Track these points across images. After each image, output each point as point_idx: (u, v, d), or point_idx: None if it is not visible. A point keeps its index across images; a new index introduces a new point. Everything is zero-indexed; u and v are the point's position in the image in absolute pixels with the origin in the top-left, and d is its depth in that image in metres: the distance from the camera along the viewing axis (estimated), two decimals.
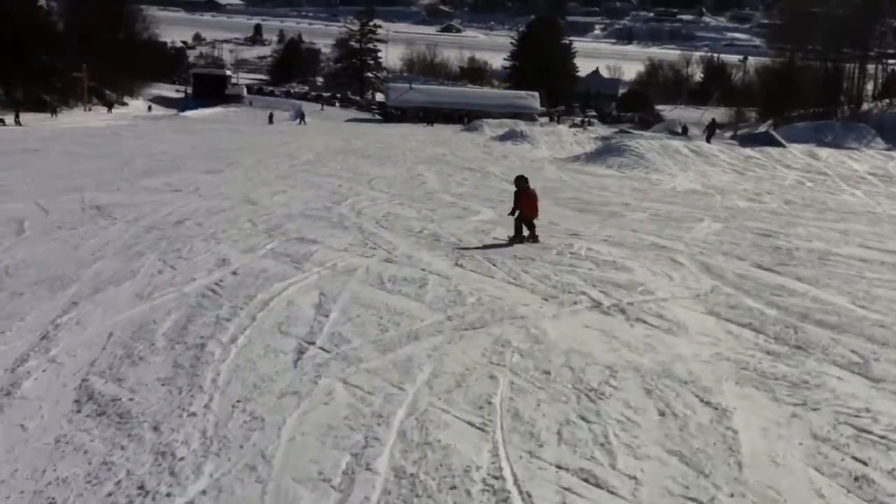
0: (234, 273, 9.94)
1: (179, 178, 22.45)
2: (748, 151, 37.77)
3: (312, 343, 7.11)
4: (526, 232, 13.00)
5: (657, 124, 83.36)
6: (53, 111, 58.31)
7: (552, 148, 44.69)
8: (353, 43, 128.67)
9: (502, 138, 49.98)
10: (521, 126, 57.09)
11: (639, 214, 18.35)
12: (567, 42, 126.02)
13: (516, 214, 12.97)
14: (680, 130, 65.66)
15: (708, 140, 49.25)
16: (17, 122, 50.28)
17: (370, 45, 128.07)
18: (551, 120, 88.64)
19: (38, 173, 23.87)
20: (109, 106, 70.82)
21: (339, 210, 16.71)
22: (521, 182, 13.30)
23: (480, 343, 7.24)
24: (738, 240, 14.29)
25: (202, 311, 8.22)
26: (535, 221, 13.16)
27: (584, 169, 32.03)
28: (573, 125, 77.38)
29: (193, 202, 17.71)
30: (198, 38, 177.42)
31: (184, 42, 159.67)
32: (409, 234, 13.51)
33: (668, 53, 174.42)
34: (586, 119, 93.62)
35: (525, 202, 12.94)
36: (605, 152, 37.57)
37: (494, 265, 10.88)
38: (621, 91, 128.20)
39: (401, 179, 24.16)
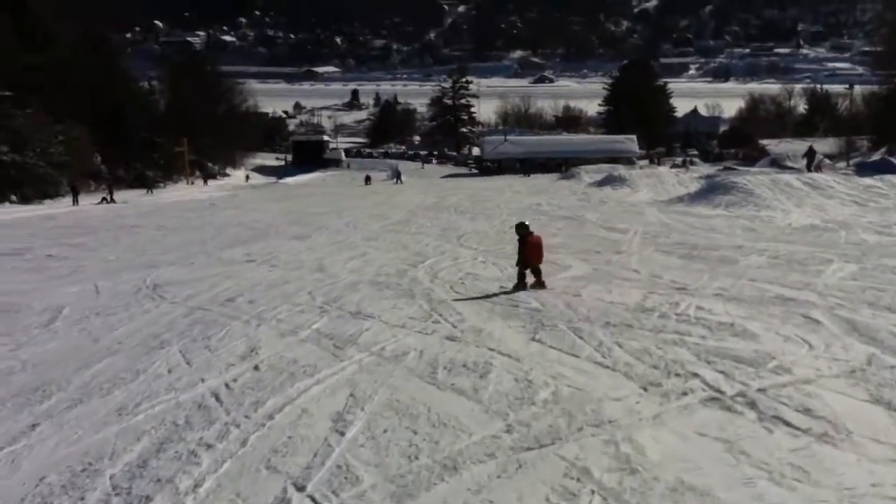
0: (256, 367, 8.15)
1: (262, 247, 21.37)
2: (866, 181, 34.34)
3: (303, 488, 5.09)
4: (531, 279, 12.58)
5: (763, 159, 79.31)
6: (150, 188, 58.93)
7: (653, 190, 42.26)
8: (446, 100, 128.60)
9: (600, 184, 47.94)
10: (620, 170, 54.82)
11: (755, 258, 15.86)
12: (662, 83, 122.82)
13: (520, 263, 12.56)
14: (788, 164, 61.79)
15: (808, 168, 45.62)
16: (111, 200, 50.60)
17: (463, 101, 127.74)
18: (651, 162, 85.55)
19: (123, 250, 23.15)
20: (205, 179, 71.54)
21: (414, 274, 14.88)
22: (521, 230, 12.81)
23: (546, 475, 5.16)
24: (882, 284, 11.68)
25: (184, 432, 6.36)
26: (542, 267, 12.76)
27: (688, 210, 29.55)
28: (674, 166, 74.17)
29: (261, 274, 16.24)
30: (297, 107, 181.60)
31: (284, 112, 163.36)
32: (484, 301, 11.52)
33: (768, 88, 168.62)
34: (687, 159, 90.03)
35: (529, 251, 12.56)
36: (710, 191, 34.99)
37: (581, 337, 8.75)
38: (722, 128, 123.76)
39: (492, 234, 22.59)
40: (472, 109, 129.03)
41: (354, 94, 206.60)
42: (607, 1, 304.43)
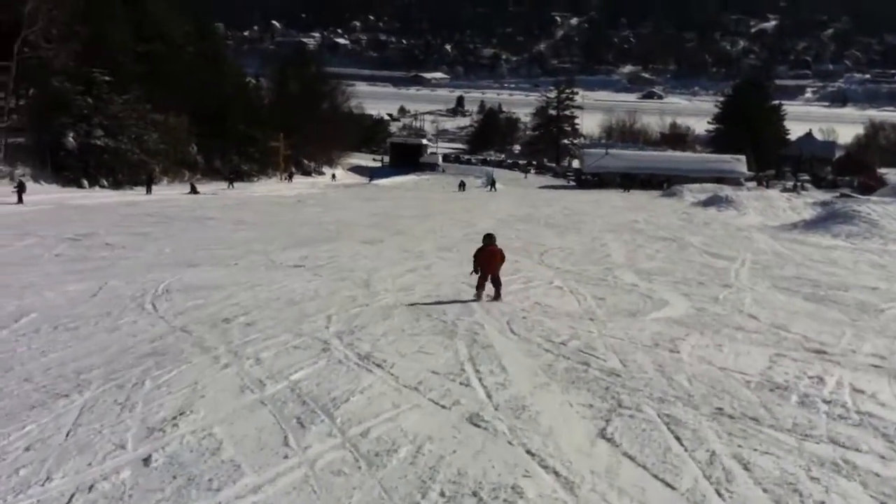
0: (147, 462, 5.17)
1: (324, 251, 19.37)
2: None
3: None
4: (492, 290, 12.19)
5: (882, 188, 73.08)
6: (230, 182, 57.09)
7: (762, 214, 39.10)
8: (550, 110, 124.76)
9: (705, 204, 44.84)
10: (726, 190, 50.85)
11: None
12: (776, 104, 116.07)
13: (478, 272, 12.22)
14: None
15: None
16: (194, 191, 49.04)
17: (567, 112, 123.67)
18: (759, 184, 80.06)
19: (183, 243, 21.21)
20: (290, 176, 69.79)
21: (470, 301, 11.73)
22: (486, 240, 12.59)
23: None
24: None
25: None
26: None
27: (803, 239, 26.51)
28: (785, 189, 68.86)
29: (295, 284, 13.68)
30: (402, 111, 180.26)
31: (389, 114, 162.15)
32: (543, 351, 8.37)
33: (889, 115, 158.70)
34: (799, 183, 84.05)
35: (482, 258, 12.21)
36: (828, 219, 31.54)
37: (679, 440, 5.54)
38: (837, 154, 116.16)
39: (580, 251, 20.46)
40: (576, 121, 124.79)
41: (459, 100, 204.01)
42: (723, 19, 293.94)
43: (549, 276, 15.42)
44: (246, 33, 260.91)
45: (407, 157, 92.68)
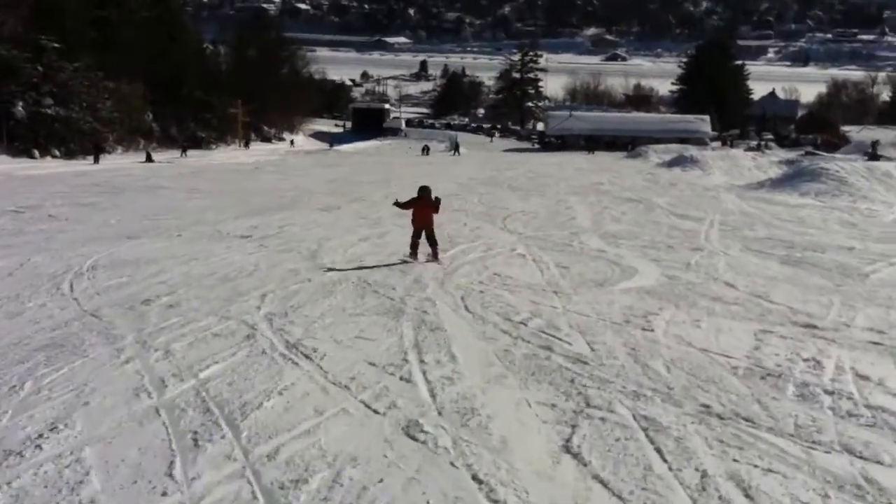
0: None
1: (277, 219, 18.29)
2: None
3: None
4: (428, 250, 11.87)
5: (846, 145, 72.78)
6: (183, 150, 54.89)
7: (728, 174, 38.55)
8: (514, 74, 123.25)
9: (669, 164, 44.11)
10: (691, 150, 50.13)
11: (887, 271, 11.44)
12: (739, 64, 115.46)
13: (401, 208, 12.10)
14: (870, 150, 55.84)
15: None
16: (150, 160, 47.23)
17: (531, 75, 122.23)
18: (724, 144, 79.50)
19: (130, 213, 19.87)
20: (247, 143, 67.51)
21: (426, 271, 10.71)
22: (421, 191, 12.11)
23: None
24: None
25: None
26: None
27: (771, 198, 25.91)
28: (749, 149, 68.38)
29: (237, 257, 12.54)
30: (365, 76, 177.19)
31: (351, 80, 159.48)
32: (501, 333, 7.32)
33: (850, 74, 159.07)
34: (763, 142, 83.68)
35: (418, 213, 11.74)
36: (795, 177, 31.04)
37: (660, 451, 4.48)
38: (800, 113, 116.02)
39: (544, 215, 19.70)
40: (540, 84, 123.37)
41: (423, 65, 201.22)
42: None
43: (510, 243, 14.47)
44: (204, 0, 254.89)
45: (369, 123, 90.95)
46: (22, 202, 22.40)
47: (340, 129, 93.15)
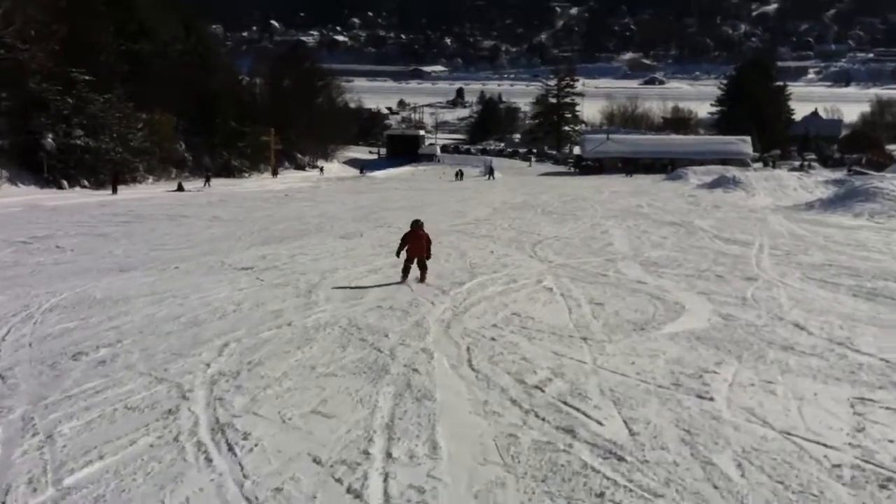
0: None
1: (291, 248, 17.23)
2: None
3: None
4: (418, 273, 12.07)
5: (892, 165, 69.89)
6: (206, 180, 52.24)
7: (773, 195, 36.62)
8: (550, 98, 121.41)
9: (711, 186, 41.99)
10: (733, 171, 47.79)
11: None
12: (781, 84, 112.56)
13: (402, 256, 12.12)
14: None
15: None
16: (181, 188, 46.29)
17: (567, 100, 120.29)
18: (766, 165, 76.87)
19: (140, 244, 18.68)
20: (274, 171, 65.63)
21: (430, 310, 8.99)
22: (414, 224, 12.41)
23: None
24: None
25: None
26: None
27: (822, 219, 24.19)
28: (792, 169, 65.80)
29: (222, 293, 11.12)
30: (402, 104, 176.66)
31: (388, 108, 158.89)
32: (509, 403, 5.54)
33: (893, 93, 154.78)
34: (806, 163, 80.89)
35: (411, 242, 12.11)
36: (847, 197, 29.14)
37: None
38: (843, 133, 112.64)
39: (578, 240, 18.31)
40: (577, 108, 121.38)
41: (459, 92, 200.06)
42: (724, 3, 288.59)
43: (538, 273, 12.82)
44: (245, 34, 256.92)
45: (404, 149, 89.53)
46: (36, 232, 21.45)
47: (375, 156, 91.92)
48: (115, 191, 41.85)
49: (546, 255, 15.67)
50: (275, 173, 62.80)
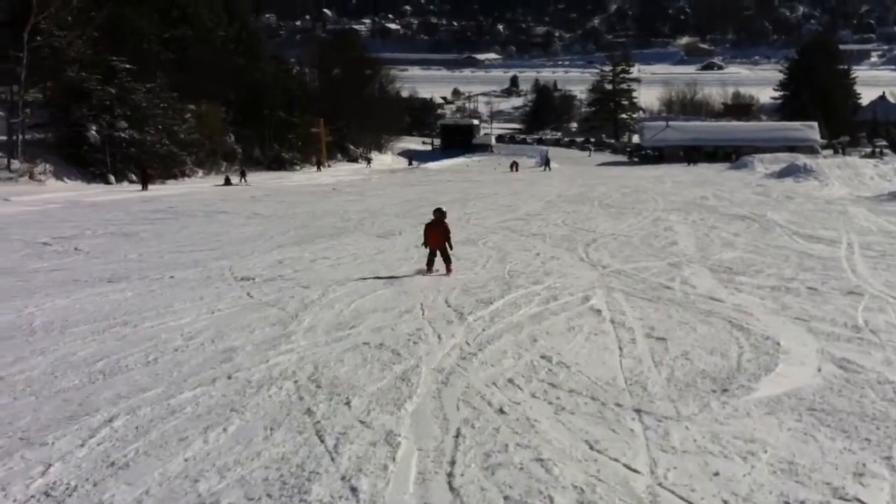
0: None
1: (318, 250, 15.60)
2: None
3: None
4: (442, 266, 11.92)
5: None
6: (242, 175, 48.20)
7: (849, 184, 33.84)
8: (606, 85, 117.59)
9: (780, 175, 38.90)
10: (804, 159, 44.42)
11: None
12: (845, 68, 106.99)
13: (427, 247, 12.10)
14: None
15: None
16: (228, 182, 44.63)
17: (623, 86, 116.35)
18: (835, 152, 72.51)
19: (163, 247, 17.04)
20: (318, 164, 62.23)
21: (430, 359, 6.61)
22: (436, 214, 12.34)
23: None
24: None
25: None
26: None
27: None
28: (865, 156, 61.68)
29: (188, 317, 9.16)
30: (456, 93, 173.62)
31: (443, 97, 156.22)
32: None
33: None
34: (877, 149, 76.20)
35: (432, 233, 12.01)
36: None
37: None
38: None
39: (638, 238, 16.27)
40: (634, 95, 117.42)
41: (514, 80, 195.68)
42: None
43: (587, 285, 10.51)
44: (298, 23, 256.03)
45: (458, 139, 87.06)
46: (64, 232, 20.14)
47: (428, 147, 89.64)
48: (145, 187, 40.06)
49: (600, 257, 13.56)
50: (319, 166, 60.38)
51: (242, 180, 46.14)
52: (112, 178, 45.11)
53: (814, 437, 4.58)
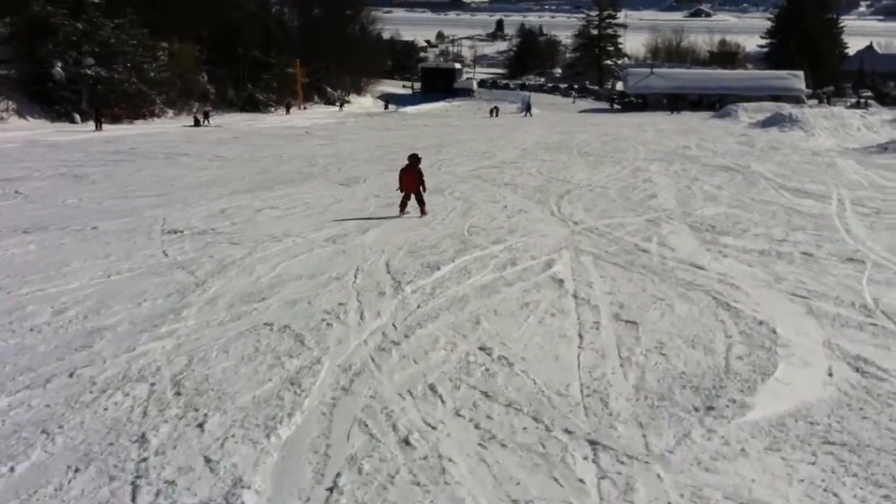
0: None
1: (270, 198, 14.31)
2: None
3: None
4: (417, 209, 12.17)
5: None
6: (205, 116, 45.09)
7: (835, 135, 32.51)
8: (591, 30, 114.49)
9: (764, 124, 37.55)
10: (789, 109, 43.08)
11: None
12: (832, 17, 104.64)
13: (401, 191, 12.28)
14: None
15: None
16: (200, 122, 42.50)
17: (610, 31, 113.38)
18: (820, 102, 70.97)
19: (110, 190, 15.72)
20: (287, 107, 58.25)
21: (358, 332, 5.36)
22: (411, 159, 12.48)
23: None
24: None
25: None
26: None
27: None
28: (850, 107, 60.29)
29: (75, 282, 7.38)
30: (440, 37, 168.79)
31: (426, 41, 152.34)
32: None
33: None
34: (862, 100, 74.72)
35: (407, 179, 12.24)
36: None
37: None
38: None
39: (615, 190, 15.13)
40: (619, 41, 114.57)
41: (499, 24, 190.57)
42: None
43: (553, 245, 9.27)
44: None
45: (439, 84, 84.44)
46: (9, 174, 18.60)
47: (409, 91, 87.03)
48: (99, 127, 37.69)
49: (572, 211, 12.30)
50: (288, 109, 57.61)
51: (206, 121, 43.90)
52: (77, 116, 42.82)
53: (837, 494, 3.23)
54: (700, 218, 11.60)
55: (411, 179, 12.10)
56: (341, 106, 66.03)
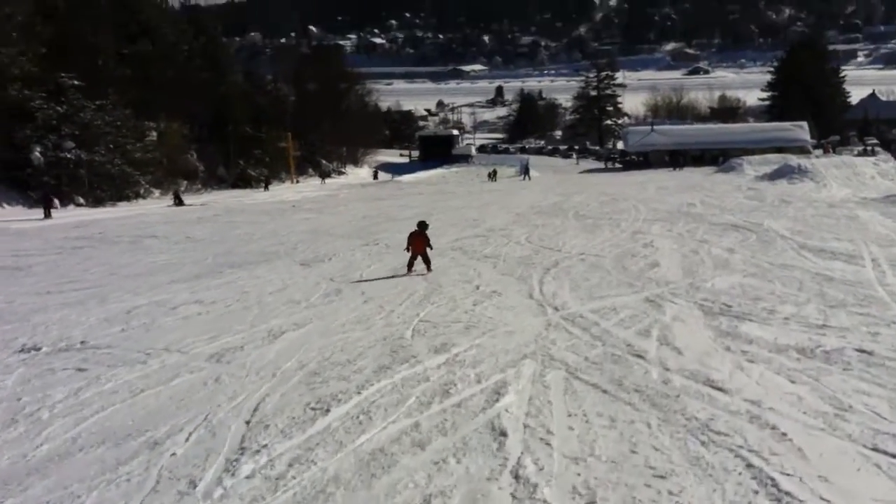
0: None
1: (215, 284, 13.29)
2: None
3: None
4: (423, 267, 13.36)
5: None
6: (176, 198, 41.50)
7: (848, 185, 31.17)
8: (590, 91, 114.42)
9: (772, 177, 36.00)
10: (797, 160, 41.59)
11: None
12: (834, 67, 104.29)
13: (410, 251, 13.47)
14: None
15: None
16: (179, 203, 40.46)
17: (609, 92, 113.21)
18: (825, 152, 69.52)
19: (47, 283, 14.71)
20: (266, 184, 55.00)
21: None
22: (420, 226, 13.74)
23: None
24: None
25: None
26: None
27: None
28: (857, 155, 58.81)
29: None
30: (440, 105, 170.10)
31: (427, 109, 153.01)
32: None
33: None
34: (869, 148, 73.35)
35: (415, 241, 13.42)
36: None
37: None
38: None
39: (610, 259, 13.50)
40: (619, 101, 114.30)
41: (499, 90, 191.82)
42: None
43: (517, 350, 7.59)
44: (283, 40, 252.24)
45: (437, 150, 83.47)
46: None
47: (406, 160, 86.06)
48: (47, 214, 34.29)
49: (556, 291, 10.60)
50: (267, 186, 55.00)
51: (176, 201, 41.06)
52: (56, 202, 41.28)
53: None
54: (711, 293, 9.76)
55: (420, 242, 13.37)
56: (324, 179, 63.83)
